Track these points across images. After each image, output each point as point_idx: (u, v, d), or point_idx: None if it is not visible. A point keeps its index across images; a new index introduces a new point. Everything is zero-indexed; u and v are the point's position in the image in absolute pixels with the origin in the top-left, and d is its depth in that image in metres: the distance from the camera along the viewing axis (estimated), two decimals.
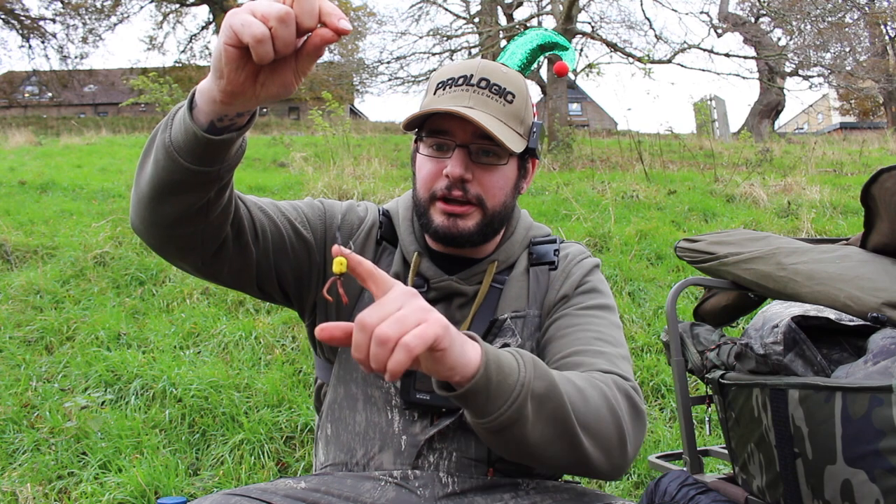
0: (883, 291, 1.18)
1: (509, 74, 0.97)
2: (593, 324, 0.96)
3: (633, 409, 0.84)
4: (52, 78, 23.67)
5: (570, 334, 0.95)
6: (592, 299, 1.00)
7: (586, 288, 1.02)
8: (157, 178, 0.76)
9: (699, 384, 2.55)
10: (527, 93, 0.99)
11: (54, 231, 4.30)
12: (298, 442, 2.25)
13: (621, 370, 0.89)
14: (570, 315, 0.98)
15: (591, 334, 0.94)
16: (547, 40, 1.10)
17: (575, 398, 0.77)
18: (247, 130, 0.76)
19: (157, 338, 2.89)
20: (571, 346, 0.93)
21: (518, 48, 1.09)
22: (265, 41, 0.61)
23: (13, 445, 2.16)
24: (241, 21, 0.61)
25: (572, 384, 0.79)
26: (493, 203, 0.96)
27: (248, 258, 0.91)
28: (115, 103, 21.70)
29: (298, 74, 0.68)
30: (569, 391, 0.76)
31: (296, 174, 7.04)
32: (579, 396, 0.78)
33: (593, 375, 0.85)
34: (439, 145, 0.95)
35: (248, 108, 0.72)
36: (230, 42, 0.63)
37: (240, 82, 0.66)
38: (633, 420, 0.84)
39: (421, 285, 1.00)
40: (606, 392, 0.81)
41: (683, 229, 4.95)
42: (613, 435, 0.80)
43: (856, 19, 15.31)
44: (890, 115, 19.93)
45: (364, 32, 19.23)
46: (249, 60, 0.64)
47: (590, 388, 0.80)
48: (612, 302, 1.03)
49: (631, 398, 0.85)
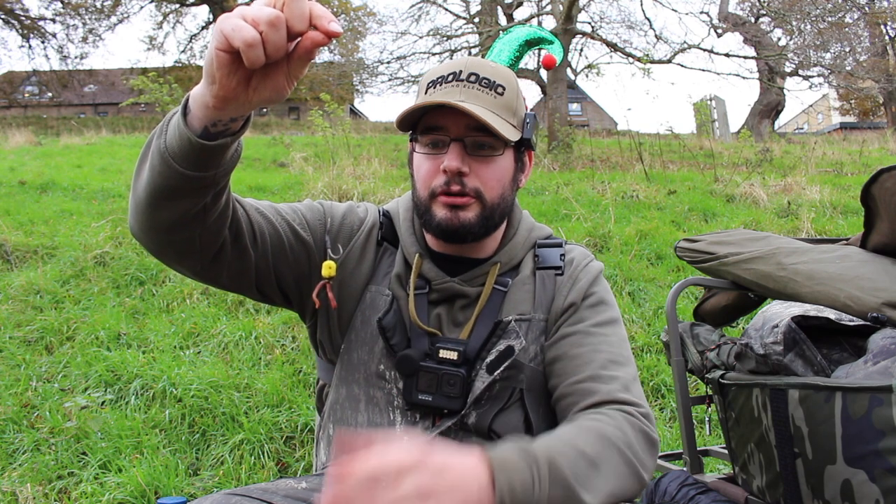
0: (883, 291, 1.18)
1: (498, 68, 0.97)
2: (605, 343, 0.97)
3: (648, 443, 0.85)
4: (52, 78, 23.66)
5: (582, 356, 0.95)
6: (601, 314, 1.00)
7: (594, 300, 1.02)
8: (153, 184, 0.76)
9: (699, 384, 2.55)
10: (517, 86, 0.99)
11: (54, 231, 4.30)
12: (298, 442, 2.25)
13: (634, 396, 0.90)
14: (581, 333, 0.98)
15: (604, 356, 0.94)
16: (532, 36, 1.11)
17: (592, 479, 0.76)
18: (241, 135, 0.76)
19: (157, 338, 2.89)
20: (585, 370, 0.93)
21: (505, 45, 1.09)
22: (256, 45, 0.61)
23: (13, 445, 2.16)
24: (232, 26, 0.61)
25: (585, 460, 0.77)
26: (491, 195, 0.96)
27: (246, 261, 0.91)
28: (115, 103, 21.71)
29: (291, 78, 0.68)
30: (583, 477, 0.75)
31: (296, 174, 7.04)
32: (595, 471, 0.77)
33: (607, 420, 0.84)
34: (434, 142, 0.95)
35: (242, 112, 0.72)
36: (221, 47, 0.63)
37: (232, 87, 0.66)
38: (648, 454, 0.85)
39: (423, 286, 1.00)
40: (621, 445, 0.81)
41: (683, 229, 4.95)
42: (634, 486, 0.81)
43: (856, 19, 15.32)
44: (890, 115, 19.93)
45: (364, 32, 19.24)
46: (241, 65, 0.64)
47: (605, 448, 0.80)
48: (618, 312, 1.04)
49: (645, 433, 0.86)
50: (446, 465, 0.64)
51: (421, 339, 0.97)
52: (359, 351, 1.00)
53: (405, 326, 0.98)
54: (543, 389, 0.99)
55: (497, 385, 0.96)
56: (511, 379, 0.97)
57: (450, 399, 0.93)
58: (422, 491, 0.61)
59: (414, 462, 0.62)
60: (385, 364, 0.98)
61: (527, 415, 0.97)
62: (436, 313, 1.00)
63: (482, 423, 0.95)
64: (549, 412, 0.99)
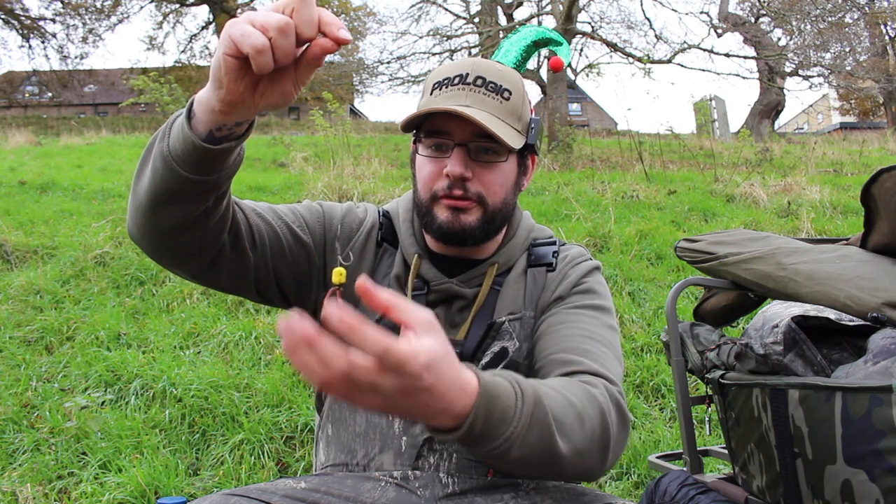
0: (883, 291, 1.18)
1: (505, 72, 0.97)
2: (584, 322, 0.95)
3: (622, 420, 0.83)
4: (52, 78, 23.66)
5: (559, 331, 0.93)
6: (587, 299, 0.99)
7: (583, 288, 1.00)
8: (154, 187, 0.76)
9: (699, 384, 2.55)
10: (523, 89, 0.98)
11: (54, 231, 4.30)
12: (298, 442, 2.25)
13: (610, 372, 0.87)
14: (561, 312, 0.96)
15: (579, 332, 0.92)
16: (541, 36, 1.10)
17: (568, 422, 0.74)
18: (245, 139, 0.76)
19: (157, 338, 2.89)
20: (560, 343, 0.91)
21: (512, 45, 1.08)
22: (265, 52, 0.61)
23: (13, 445, 2.16)
24: (241, 31, 0.61)
25: (568, 404, 0.75)
26: (493, 200, 0.95)
27: (245, 264, 0.90)
28: (115, 103, 21.69)
29: (297, 84, 0.67)
30: (561, 415, 0.73)
31: (296, 174, 7.04)
32: (575, 420, 0.75)
33: (588, 385, 0.82)
34: (438, 145, 0.95)
35: (247, 117, 0.71)
36: (230, 52, 0.63)
37: (239, 92, 0.66)
38: (620, 431, 0.82)
39: (421, 287, 0.99)
40: (602, 406, 0.79)
41: (683, 229, 4.95)
42: (601, 456, 0.78)
43: (856, 19, 15.31)
44: (890, 115, 19.93)
45: (364, 32, 19.24)
46: (249, 70, 0.64)
47: (587, 406, 0.78)
48: (610, 304, 1.02)
49: (620, 408, 0.83)
50: (437, 374, 0.58)
51: None
52: None
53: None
54: None
55: None
56: None
57: None
58: (399, 392, 0.55)
59: (412, 369, 0.55)
60: None
61: None
62: (434, 315, 0.99)
63: None
64: None
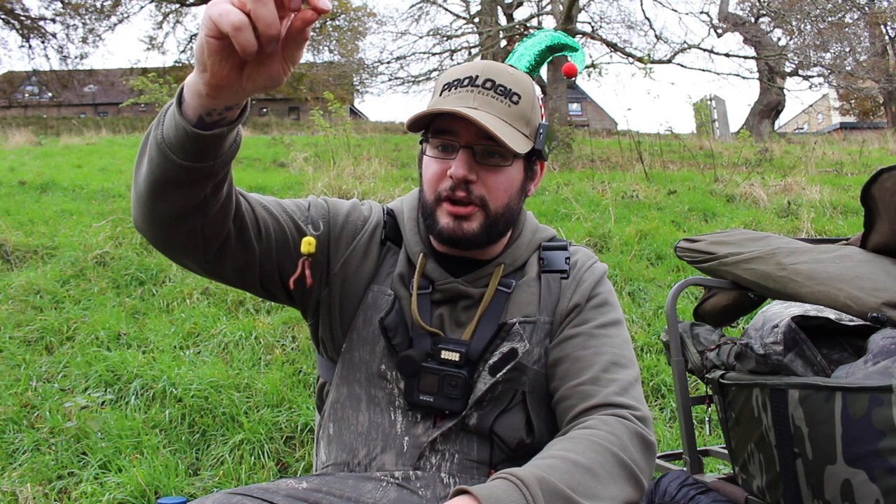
0: (883, 291, 1.18)
1: (516, 75, 0.97)
2: (608, 345, 0.97)
3: (644, 445, 0.86)
4: (52, 78, 23.63)
5: (584, 358, 0.95)
6: (605, 315, 1.01)
7: (598, 301, 1.02)
8: (152, 176, 0.76)
9: (699, 384, 2.55)
10: (534, 94, 0.98)
11: (54, 231, 4.30)
12: (298, 442, 2.25)
13: (632, 399, 0.90)
14: (585, 335, 0.98)
15: (606, 357, 0.95)
16: (556, 41, 1.10)
17: (578, 481, 0.76)
18: (238, 124, 0.75)
19: (157, 338, 2.89)
20: (586, 372, 0.94)
21: (527, 50, 1.08)
22: (244, 28, 0.60)
23: (13, 445, 2.16)
24: (220, 11, 0.60)
25: (573, 465, 0.78)
26: (496, 204, 0.95)
27: (251, 256, 0.91)
28: (115, 103, 21.66)
29: (287, 63, 0.67)
30: (570, 479, 0.75)
31: (296, 174, 7.04)
32: (585, 476, 0.77)
33: (600, 426, 0.85)
34: (444, 146, 0.95)
35: (236, 101, 0.70)
36: (211, 33, 0.62)
37: (224, 74, 0.65)
38: (644, 457, 0.85)
39: (426, 286, 1.00)
40: (615, 449, 0.82)
41: (683, 229, 4.95)
42: (633, 489, 0.81)
43: (856, 19, 15.30)
44: (890, 115, 19.92)
45: (364, 32, 19.23)
46: (233, 52, 0.63)
47: (599, 455, 0.80)
48: (620, 313, 1.04)
49: (641, 435, 0.86)
50: None
51: (423, 339, 0.97)
52: (360, 350, 1.00)
53: (407, 326, 0.98)
54: (545, 392, 0.99)
55: (499, 387, 0.96)
56: (514, 381, 0.97)
57: (451, 400, 0.94)
58: None
59: None
60: (386, 364, 0.98)
61: (528, 417, 0.97)
62: (438, 313, 1.00)
63: (483, 424, 0.95)
64: (550, 414, 0.99)
